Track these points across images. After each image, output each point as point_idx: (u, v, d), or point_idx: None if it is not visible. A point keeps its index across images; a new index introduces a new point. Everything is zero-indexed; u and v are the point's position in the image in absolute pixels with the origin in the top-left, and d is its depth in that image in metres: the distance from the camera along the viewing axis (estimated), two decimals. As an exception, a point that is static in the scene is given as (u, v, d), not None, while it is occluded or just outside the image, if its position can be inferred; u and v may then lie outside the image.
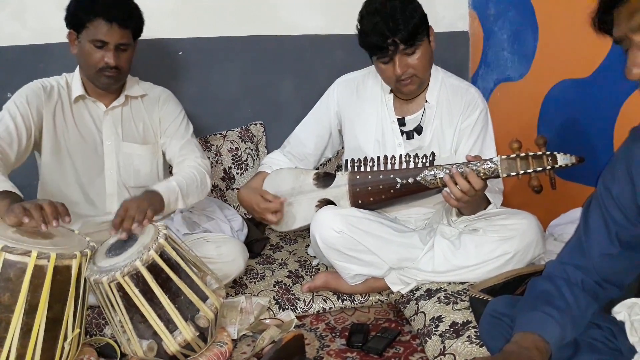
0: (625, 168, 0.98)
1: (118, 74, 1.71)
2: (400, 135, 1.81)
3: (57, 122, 1.74)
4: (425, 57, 1.67)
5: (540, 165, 1.47)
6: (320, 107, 1.95)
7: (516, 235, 1.64)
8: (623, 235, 1.01)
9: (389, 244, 1.71)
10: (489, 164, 1.52)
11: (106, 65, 1.67)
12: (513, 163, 1.50)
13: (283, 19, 2.41)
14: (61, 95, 1.76)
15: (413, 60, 1.65)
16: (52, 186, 1.77)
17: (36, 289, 1.25)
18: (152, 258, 1.34)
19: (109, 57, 1.66)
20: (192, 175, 1.73)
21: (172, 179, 1.68)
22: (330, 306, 1.81)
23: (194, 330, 1.39)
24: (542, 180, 1.50)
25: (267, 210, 1.81)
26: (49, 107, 1.72)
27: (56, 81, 1.78)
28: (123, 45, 1.69)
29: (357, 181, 1.71)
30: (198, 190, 1.74)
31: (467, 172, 1.52)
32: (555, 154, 1.46)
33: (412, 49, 1.63)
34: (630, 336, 1.00)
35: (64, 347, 1.33)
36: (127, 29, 1.69)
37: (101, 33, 1.64)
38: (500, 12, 2.37)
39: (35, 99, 1.70)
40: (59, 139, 1.74)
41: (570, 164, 1.45)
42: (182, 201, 1.65)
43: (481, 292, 1.46)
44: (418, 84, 1.72)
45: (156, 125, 1.86)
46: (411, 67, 1.66)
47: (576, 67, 1.93)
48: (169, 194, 1.60)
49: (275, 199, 1.81)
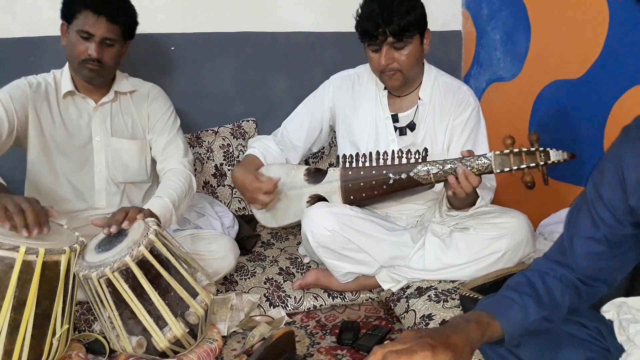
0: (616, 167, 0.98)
1: (100, 68, 1.69)
2: (394, 132, 1.81)
3: (44, 119, 1.72)
4: (413, 55, 1.68)
5: (534, 161, 1.48)
6: (315, 101, 1.95)
7: (507, 234, 1.65)
8: (612, 236, 1.01)
9: (380, 243, 1.71)
10: (482, 160, 1.53)
11: (89, 57, 1.66)
12: (506, 159, 1.51)
13: (277, 15, 2.40)
14: (48, 92, 1.74)
15: (400, 55, 1.67)
16: (41, 182, 1.76)
17: (24, 284, 1.23)
18: (142, 254, 1.34)
19: (92, 49, 1.65)
20: (180, 184, 1.71)
21: (163, 194, 1.65)
22: (321, 304, 1.81)
23: (183, 326, 1.38)
24: (535, 176, 1.51)
25: (258, 190, 1.79)
26: (34, 104, 1.70)
27: (43, 78, 1.76)
28: (109, 40, 1.68)
29: (349, 177, 1.71)
30: (187, 199, 1.74)
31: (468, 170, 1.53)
32: (548, 150, 1.47)
33: (401, 44, 1.65)
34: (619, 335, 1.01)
35: (52, 343, 1.31)
36: (115, 25, 1.68)
37: (88, 24, 1.64)
38: (493, 12, 2.38)
39: (21, 96, 1.68)
40: (46, 136, 1.73)
41: (563, 160, 1.47)
42: (174, 216, 1.65)
43: (471, 291, 1.47)
44: (402, 81, 1.73)
45: (144, 121, 1.85)
46: (397, 61, 1.68)
47: (568, 67, 1.94)
48: (164, 212, 1.59)
49: (269, 180, 1.80)
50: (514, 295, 1.00)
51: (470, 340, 0.90)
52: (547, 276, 1.05)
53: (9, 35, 2.13)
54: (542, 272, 1.06)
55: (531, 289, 1.02)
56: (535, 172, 1.51)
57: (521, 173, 1.52)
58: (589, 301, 1.08)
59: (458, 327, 0.91)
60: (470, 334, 0.91)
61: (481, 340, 0.93)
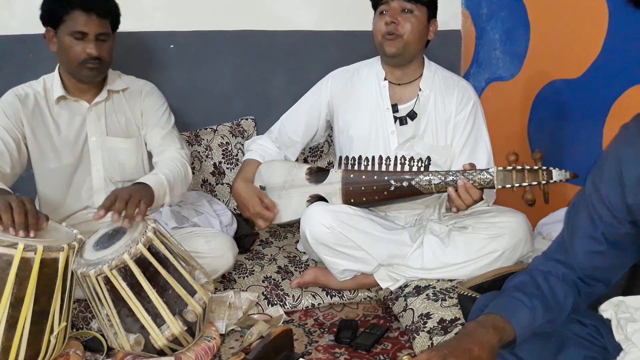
0: (614, 166, 0.98)
1: (100, 65, 1.69)
2: (393, 123, 1.82)
3: (36, 127, 1.72)
4: (416, 27, 1.73)
5: (536, 179, 1.49)
6: (312, 96, 1.96)
7: (505, 233, 1.65)
8: (610, 234, 1.02)
9: (379, 241, 1.71)
10: (485, 175, 1.54)
11: (88, 57, 1.65)
12: (509, 175, 1.51)
13: (276, 14, 2.40)
14: (38, 101, 1.74)
15: (405, 19, 1.72)
16: (41, 185, 1.77)
17: (22, 281, 1.23)
18: (140, 252, 1.34)
19: (91, 48, 1.64)
20: (177, 167, 1.72)
21: (159, 172, 1.66)
22: (319, 302, 1.81)
23: (181, 324, 1.38)
24: (536, 194, 1.52)
25: (259, 216, 1.81)
26: (26, 115, 1.70)
27: (31, 88, 1.75)
28: (103, 36, 1.67)
29: (351, 180, 1.71)
30: (182, 183, 1.74)
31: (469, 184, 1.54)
32: (551, 169, 1.48)
33: (410, 5, 1.71)
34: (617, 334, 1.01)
35: (50, 341, 1.31)
36: (106, 19, 1.67)
37: (80, 24, 1.63)
38: (493, 11, 2.38)
39: (13, 111, 1.69)
40: (40, 143, 1.73)
41: (565, 180, 1.48)
42: (169, 195, 1.64)
43: (469, 290, 1.47)
44: (400, 49, 1.74)
45: (138, 118, 1.84)
46: (400, 24, 1.71)
47: (567, 67, 1.94)
48: (158, 187, 1.59)
49: (272, 206, 1.81)
50: (522, 297, 1.00)
51: (491, 347, 0.91)
52: (550, 276, 1.05)
53: (7, 32, 2.12)
54: (545, 271, 1.06)
55: (538, 291, 1.02)
56: (536, 190, 1.52)
57: (522, 190, 1.52)
58: (587, 300, 1.08)
59: (477, 335, 0.92)
60: (491, 340, 0.92)
61: (499, 345, 0.94)
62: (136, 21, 2.17)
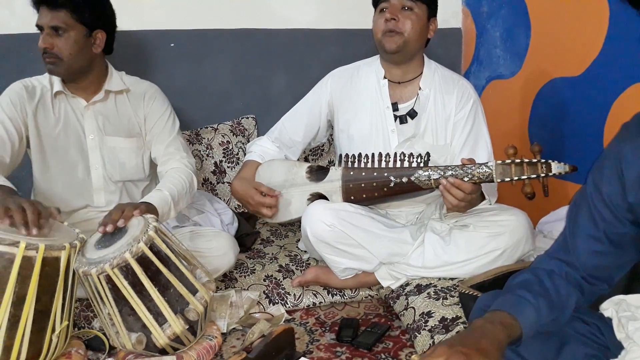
0: (615, 164, 0.98)
1: (55, 59, 1.66)
2: (394, 122, 1.82)
3: (40, 120, 1.73)
4: (416, 24, 1.74)
5: (535, 172, 1.49)
6: (312, 96, 1.96)
7: (506, 232, 1.65)
8: (611, 233, 1.02)
9: (380, 239, 1.71)
10: (483, 169, 1.54)
11: (43, 50, 1.65)
12: (507, 169, 1.51)
13: (276, 12, 2.40)
14: (43, 94, 1.74)
15: (405, 17, 1.73)
16: (41, 181, 1.77)
17: (24, 280, 1.23)
18: (142, 250, 1.34)
19: (40, 41, 1.65)
20: (181, 181, 1.71)
21: (163, 187, 1.65)
22: (320, 301, 1.81)
23: (183, 323, 1.38)
24: (535, 187, 1.52)
25: (261, 205, 1.81)
26: (31, 107, 1.71)
27: (38, 80, 1.76)
28: (58, 29, 1.64)
29: (351, 177, 1.71)
30: (187, 196, 1.74)
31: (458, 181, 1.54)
32: (550, 162, 1.48)
33: (410, 2, 1.73)
34: (618, 332, 1.01)
35: (51, 340, 1.32)
36: (59, 11, 1.63)
37: (39, 17, 1.65)
38: (493, 10, 2.37)
39: (19, 100, 1.69)
40: (42, 137, 1.73)
41: (564, 172, 1.47)
42: (173, 210, 1.64)
43: (471, 288, 1.47)
44: (400, 45, 1.74)
45: (141, 122, 1.84)
46: (400, 21, 1.72)
47: (568, 65, 1.94)
48: (162, 205, 1.59)
49: (271, 192, 1.81)
50: (527, 295, 1.00)
51: (499, 342, 0.91)
52: (554, 275, 1.05)
53: (7, 31, 2.12)
54: (549, 270, 1.06)
55: (542, 289, 1.02)
56: (535, 183, 1.52)
57: (521, 183, 1.52)
58: (590, 300, 1.08)
59: (485, 330, 0.93)
60: (498, 336, 0.92)
61: (507, 341, 0.94)
62: (136, 20, 2.17)
